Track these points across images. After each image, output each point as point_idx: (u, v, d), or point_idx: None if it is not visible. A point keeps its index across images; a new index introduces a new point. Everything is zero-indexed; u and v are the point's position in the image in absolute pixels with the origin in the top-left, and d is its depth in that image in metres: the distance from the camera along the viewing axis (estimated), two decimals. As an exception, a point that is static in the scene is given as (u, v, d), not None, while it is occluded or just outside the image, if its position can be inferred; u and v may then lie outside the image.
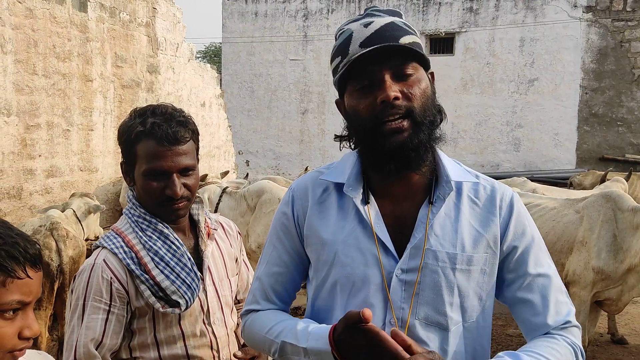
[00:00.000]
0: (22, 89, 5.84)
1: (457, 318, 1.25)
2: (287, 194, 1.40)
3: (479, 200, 1.30)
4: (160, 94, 8.40)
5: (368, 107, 1.21)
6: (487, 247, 1.26)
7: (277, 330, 1.29)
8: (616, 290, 3.86)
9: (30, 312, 1.03)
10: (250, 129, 15.93)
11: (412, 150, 1.20)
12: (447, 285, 1.23)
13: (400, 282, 1.23)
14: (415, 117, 1.20)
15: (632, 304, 4.56)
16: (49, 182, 6.29)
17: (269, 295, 1.38)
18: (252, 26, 15.84)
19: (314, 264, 1.33)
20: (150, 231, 1.60)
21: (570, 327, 1.27)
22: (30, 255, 1.01)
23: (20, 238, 1.02)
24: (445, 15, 14.66)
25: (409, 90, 1.21)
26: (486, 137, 14.58)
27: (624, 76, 13.64)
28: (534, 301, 1.26)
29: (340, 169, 1.34)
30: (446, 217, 1.26)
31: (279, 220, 1.39)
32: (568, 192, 6.17)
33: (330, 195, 1.33)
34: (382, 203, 1.29)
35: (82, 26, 6.75)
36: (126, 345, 1.60)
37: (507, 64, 14.34)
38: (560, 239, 4.09)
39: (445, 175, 1.27)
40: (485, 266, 1.26)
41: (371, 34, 1.22)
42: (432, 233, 1.24)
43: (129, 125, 1.60)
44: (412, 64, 1.23)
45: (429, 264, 1.23)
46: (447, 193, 1.26)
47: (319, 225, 1.31)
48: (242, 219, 5.02)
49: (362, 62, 1.21)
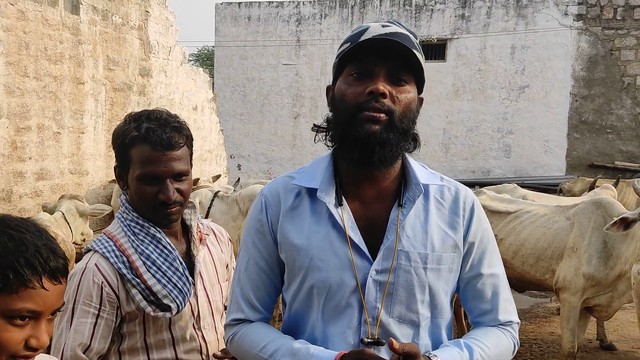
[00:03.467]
0: (13, 91, 5.80)
1: (427, 314, 1.31)
2: (258, 200, 1.41)
3: (445, 201, 1.36)
4: (152, 97, 8.38)
5: (355, 95, 1.26)
6: (454, 247, 1.33)
7: (271, 348, 1.31)
8: (606, 297, 3.88)
9: (42, 323, 1.00)
10: (243, 133, 15.91)
11: (378, 143, 1.25)
12: (419, 284, 1.29)
13: (375, 283, 1.27)
14: (393, 118, 1.25)
15: (621, 310, 4.59)
16: (39, 185, 6.25)
17: (253, 302, 1.40)
18: (245, 30, 15.85)
19: (289, 269, 1.35)
20: (143, 235, 1.60)
21: (514, 325, 1.40)
22: (50, 268, 0.99)
23: (45, 248, 1.00)
24: (437, 21, 14.75)
25: (397, 94, 1.26)
26: (477, 143, 14.66)
27: (613, 84, 13.77)
28: (487, 297, 1.38)
29: (311, 173, 1.36)
30: (416, 218, 1.31)
31: (253, 226, 1.40)
32: (558, 199, 6.21)
33: (303, 200, 1.35)
34: (354, 206, 1.32)
35: (74, 29, 6.72)
36: (115, 349, 1.59)
37: (498, 71, 14.44)
38: (551, 245, 4.11)
39: (414, 177, 1.33)
40: (452, 264, 1.33)
41: (386, 33, 1.27)
42: (404, 234, 1.29)
43: (124, 130, 1.60)
44: (408, 75, 1.28)
45: (402, 264, 1.28)
46: (417, 195, 1.31)
47: (293, 231, 1.33)
48: (233, 223, 5.01)
49: (367, 50, 1.26)
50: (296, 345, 1.27)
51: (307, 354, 1.24)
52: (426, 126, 14.22)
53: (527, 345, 5.06)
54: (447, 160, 14.71)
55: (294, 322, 1.36)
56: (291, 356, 1.26)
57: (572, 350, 3.91)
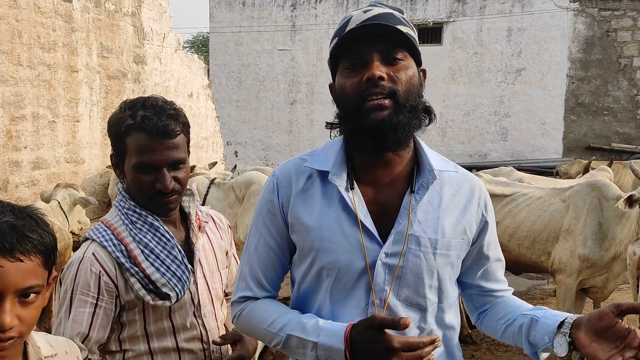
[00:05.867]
0: (6, 80, 5.77)
1: (434, 299, 1.33)
2: (270, 181, 1.42)
3: (459, 190, 1.36)
4: (147, 84, 8.33)
5: (354, 85, 1.26)
6: (463, 234, 1.34)
7: (280, 323, 1.32)
8: (601, 278, 3.91)
9: (5, 304, 0.97)
10: (239, 120, 15.86)
11: (390, 129, 1.24)
12: (428, 269, 1.30)
13: (384, 266, 1.28)
14: (397, 99, 1.24)
15: (617, 291, 4.63)
16: (35, 174, 6.23)
17: (261, 281, 1.41)
18: (239, 16, 15.72)
19: (299, 250, 1.37)
20: (141, 224, 1.59)
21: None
22: (4, 244, 0.96)
23: (5, 225, 0.98)
24: (433, 5, 14.65)
25: (395, 74, 1.26)
26: (474, 126, 14.64)
27: (610, 65, 13.73)
28: (497, 277, 1.46)
29: (324, 156, 1.37)
30: (429, 204, 1.32)
31: (264, 207, 1.41)
32: (554, 181, 6.22)
33: (314, 183, 1.36)
34: (365, 190, 1.33)
35: (66, 16, 6.66)
36: (115, 338, 1.59)
37: (495, 54, 14.38)
38: (547, 227, 4.14)
39: (428, 164, 1.33)
40: (460, 251, 1.35)
41: (368, 18, 1.26)
42: (415, 219, 1.29)
43: (119, 118, 1.58)
44: (402, 51, 1.27)
45: (411, 248, 1.29)
46: (430, 182, 1.32)
47: (304, 212, 1.34)
48: (230, 210, 5.01)
49: (354, 40, 1.26)
50: (305, 319, 1.29)
51: (316, 327, 1.25)
52: (423, 110, 14.16)
53: (524, 327, 5.09)
54: (444, 144, 14.70)
55: (302, 301, 1.38)
56: (300, 329, 1.27)
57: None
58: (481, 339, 4.83)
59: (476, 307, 1.49)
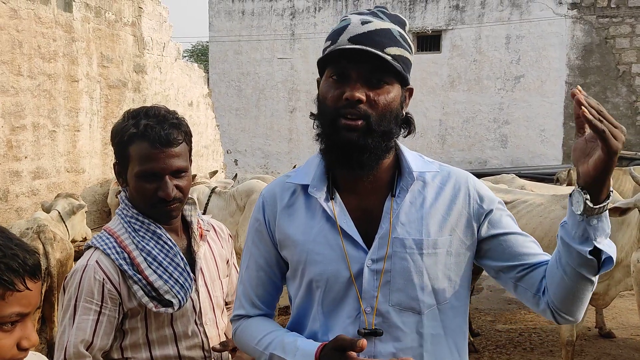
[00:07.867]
0: (7, 90, 5.78)
1: (429, 301, 1.31)
2: (258, 201, 1.45)
3: (443, 187, 1.36)
4: (147, 93, 8.36)
5: (334, 99, 1.28)
6: (451, 230, 1.32)
7: (265, 342, 1.36)
8: (603, 285, 3.90)
9: (28, 323, 1.01)
10: (239, 128, 15.89)
11: (356, 150, 1.26)
12: (416, 270, 1.29)
13: (371, 272, 1.29)
14: (370, 123, 1.26)
15: (619, 297, 4.62)
16: (35, 183, 6.24)
17: (253, 300, 1.45)
18: (239, 25, 15.79)
19: (290, 265, 1.39)
20: (143, 231, 1.60)
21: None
22: (30, 267, 0.99)
23: (20, 249, 1.00)
24: (432, 13, 14.72)
25: (375, 97, 1.26)
26: (474, 134, 14.67)
27: (609, 72, 13.78)
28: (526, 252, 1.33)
29: (305, 171, 1.40)
30: (411, 205, 1.32)
31: (252, 226, 1.45)
32: (555, 188, 6.22)
33: (298, 198, 1.38)
34: (348, 199, 1.35)
35: (67, 26, 6.69)
36: (118, 346, 1.60)
37: (494, 61, 14.43)
38: (548, 234, 4.13)
39: (407, 167, 1.34)
40: (450, 248, 1.32)
41: (362, 33, 1.26)
42: (398, 222, 1.30)
43: (122, 127, 1.60)
44: (387, 76, 1.27)
45: (397, 251, 1.29)
46: (410, 184, 1.33)
47: (289, 227, 1.36)
48: (231, 218, 5.01)
49: (341, 55, 1.27)
50: (286, 339, 1.32)
51: (293, 347, 1.29)
52: (422, 118, 14.23)
53: (527, 335, 5.09)
54: (444, 151, 14.72)
55: (298, 317, 1.40)
56: (281, 349, 1.31)
57: (571, 338, 3.94)
58: (484, 347, 4.81)
59: (531, 291, 1.32)
